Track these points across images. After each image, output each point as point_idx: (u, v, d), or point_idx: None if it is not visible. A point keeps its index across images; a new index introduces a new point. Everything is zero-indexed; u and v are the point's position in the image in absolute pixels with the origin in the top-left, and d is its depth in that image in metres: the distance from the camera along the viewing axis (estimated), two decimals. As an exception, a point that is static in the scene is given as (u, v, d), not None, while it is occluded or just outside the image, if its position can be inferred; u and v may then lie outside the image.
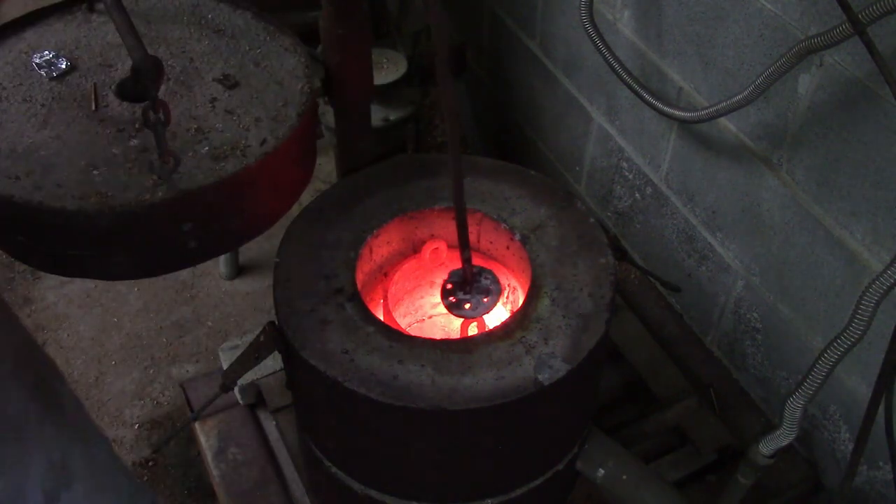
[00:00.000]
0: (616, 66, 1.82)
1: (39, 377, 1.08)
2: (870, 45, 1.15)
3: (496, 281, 1.53)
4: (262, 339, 1.36)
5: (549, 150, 2.46)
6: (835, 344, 1.20)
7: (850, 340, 1.18)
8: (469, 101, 2.69)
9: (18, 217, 1.28)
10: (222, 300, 2.56)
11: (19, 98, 1.42)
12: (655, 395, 1.89)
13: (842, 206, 1.50)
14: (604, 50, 1.83)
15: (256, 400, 1.87)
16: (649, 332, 2.00)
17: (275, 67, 1.53)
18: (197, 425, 1.86)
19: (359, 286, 1.42)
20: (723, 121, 1.71)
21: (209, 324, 2.50)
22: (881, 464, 1.59)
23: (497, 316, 1.64)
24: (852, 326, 1.17)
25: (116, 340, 2.45)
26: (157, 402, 2.31)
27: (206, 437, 1.84)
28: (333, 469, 1.50)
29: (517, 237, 1.50)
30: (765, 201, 1.68)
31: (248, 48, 1.56)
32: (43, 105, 1.42)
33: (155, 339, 2.46)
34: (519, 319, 1.36)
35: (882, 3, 1.14)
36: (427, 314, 1.74)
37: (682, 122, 1.80)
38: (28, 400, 1.05)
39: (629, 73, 1.82)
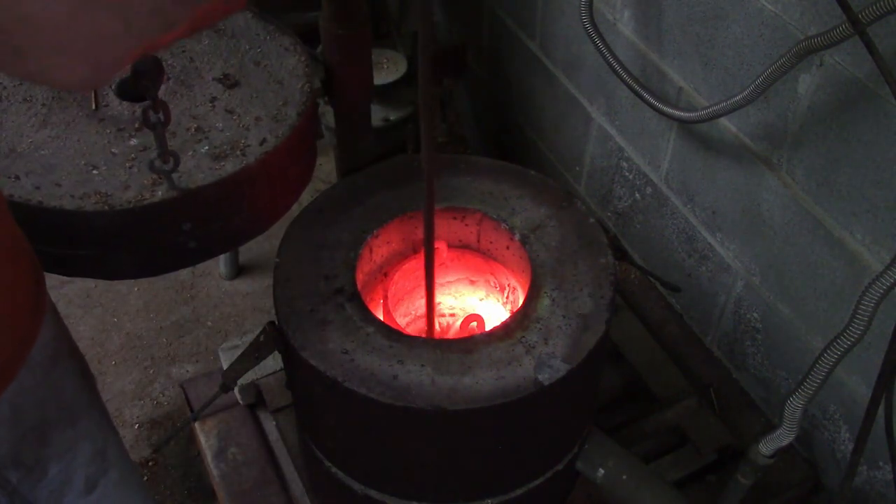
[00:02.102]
0: (616, 66, 1.82)
1: (83, 366, 1.11)
2: (870, 45, 1.15)
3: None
4: (262, 339, 1.36)
5: (549, 150, 2.46)
6: (835, 344, 1.20)
7: (850, 340, 1.18)
8: (469, 101, 2.69)
9: (18, 217, 1.27)
10: (222, 300, 2.56)
11: (20, 98, 1.42)
12: (655, 395, 1.88)
13: (842, 206, 1.50)
14: (604, 50, 1.83)
15: (256, 400, 1.87)
16: (649, 332, 2.00)
17: (275, 67, 1.52)
18: (197, 425, 1.86)
19: (359, 286, 1.41)
20: (723, 121, 1.71)
21: (209, 324, 2.50)
22: (881, 464, 1.59)
23: (497, 316, 1.64)
24: (852, 326, 1.17)
25: (116, 340, 2.45)
26: (157, 402, 2.31)
27: (206, 437, 1.84)
28: (333, 469, 1.49)
29: (517, 237, 1.50)
30: (765, 201, 1.68)
31: (248, 47, 1.56)
32: (43, 104, 1.42)
33: (155, 339, 2.45)
34: (519, 319, 1.36)
35: (882, 3, 1.14)
36: (427, 314, 1.74)
37: (682, 122, 1.80)
38: (79, 387, 1.07)
39: (629, 73, 1.82)
